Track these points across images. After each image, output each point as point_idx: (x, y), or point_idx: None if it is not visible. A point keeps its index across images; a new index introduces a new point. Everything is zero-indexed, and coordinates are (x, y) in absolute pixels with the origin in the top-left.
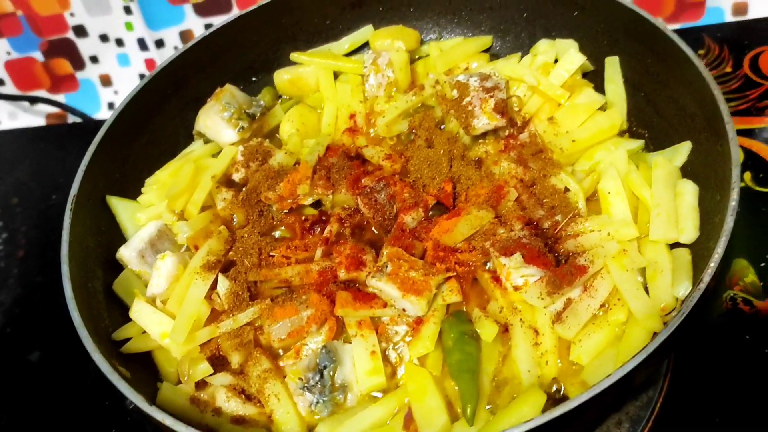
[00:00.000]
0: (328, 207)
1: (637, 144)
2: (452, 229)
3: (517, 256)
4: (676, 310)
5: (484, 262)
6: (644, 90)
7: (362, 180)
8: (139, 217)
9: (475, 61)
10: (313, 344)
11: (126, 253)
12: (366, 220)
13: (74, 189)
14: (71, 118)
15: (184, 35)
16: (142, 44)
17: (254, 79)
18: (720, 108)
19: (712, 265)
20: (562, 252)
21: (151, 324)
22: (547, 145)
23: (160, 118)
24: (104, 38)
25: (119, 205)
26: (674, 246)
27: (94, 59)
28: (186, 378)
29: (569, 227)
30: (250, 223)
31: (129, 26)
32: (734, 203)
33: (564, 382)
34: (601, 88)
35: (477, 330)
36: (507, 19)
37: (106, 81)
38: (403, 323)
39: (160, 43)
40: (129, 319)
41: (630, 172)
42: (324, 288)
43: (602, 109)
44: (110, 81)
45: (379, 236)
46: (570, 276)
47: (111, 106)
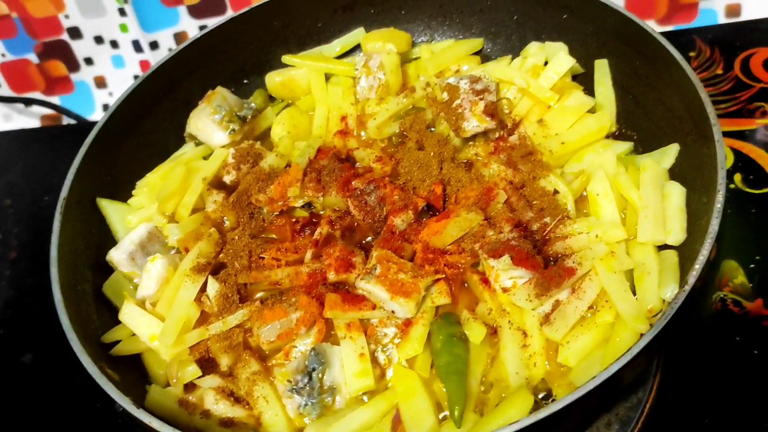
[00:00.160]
0: (318, 209)
1: (626, 146)
2: (441, 231)
3: (506, 258)
4: (662, 311)
5: (473, 264)
6: (633, 92)
7: (353, 182)
8: (130, 219)
9: (466, 63)
10: (302, 346)
11: (116, 256)
12: (356, 223)
13: (64, 191)
14: (66, 120)
15: (178, 37)
16: (137, 46)
17: (246, 81)
18: (707, 111)
19: (697, 267)
20: (550, 254)
21: (141, 326)
22: (536, 148)
23: (151, 120)
24: (99, 40)
25: (110, 208)
26: (662, 248)
27: (88, 61)
28: (175, 380)
29: (558, 229)
30: (240, 225)
31: (123, 28)
32: (720, 205)
33: (552, 384)
34: (590, 91)
35: (465, 332)
36: (497, 21)
37: (100, 83)
38: (392, 325)
39: (154, 45)
40: (118, 322)
41: (618, 175)
42: (313, 290)
43: (591, 111)
44: (105, 83)
45: (370, 238)
46: (558, 278)
47: (106, 107)
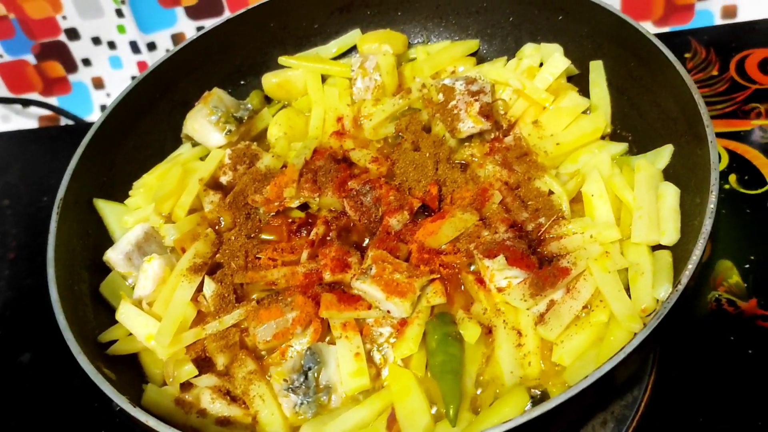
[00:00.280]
0: (314, 210)
1: (621, 147)
2: (437, 232)
3: (501, 258)
4: (656, 311)
5: (469, 264)
6: (628, 94)
7: (348, 183)
8: (127, 219)
9: (462, 64)
10: (298, 346)
11: (113, 256)
12: (352, 223)
13: (61, 191)
14: (63, 121)
15: (175, 38)
16: (134, 47)
17: (242, 82)
18: (701, 112)
19: (690, 267)
20: (545, 254)
21: (137, 326)
22: (531, 148)
23: (148, 121)
24: (96, 41)
25: (106, 208)
26: (656, 248)
27: (86, 62)
28: (171, 380)
29: (553, 229)
30: (237, 225)
31: (121, 29)
32: (713, 206)
33: (546, 383)
34: (585, 92)
35: (460, 331)
36: (493, 23)
37: (98, 84)
38: (388, 325)
39: (152, 46)
40: (115, 322)
41: (613, 175)
42: (309, 290)
43: (586, 112)
44: (102, 84)
45: (365, 239)
46: (553, 278)
47: (103, 108)
